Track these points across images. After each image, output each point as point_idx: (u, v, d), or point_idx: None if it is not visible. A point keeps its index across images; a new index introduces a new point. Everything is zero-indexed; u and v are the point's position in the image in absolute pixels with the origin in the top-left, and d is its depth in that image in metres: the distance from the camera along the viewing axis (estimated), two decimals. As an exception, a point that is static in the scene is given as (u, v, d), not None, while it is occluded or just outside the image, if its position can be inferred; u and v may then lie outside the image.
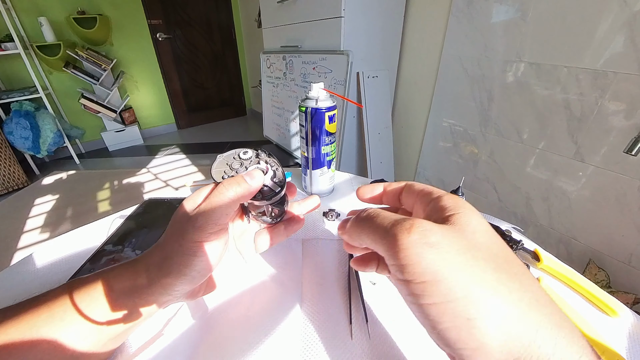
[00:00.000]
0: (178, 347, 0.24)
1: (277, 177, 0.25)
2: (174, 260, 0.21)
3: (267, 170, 0.25)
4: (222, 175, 0.25)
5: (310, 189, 0.46)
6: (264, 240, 0.28)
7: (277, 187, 0.25)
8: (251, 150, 0.26)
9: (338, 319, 0.26)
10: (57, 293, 0.22)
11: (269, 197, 0.25)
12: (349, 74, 1.33)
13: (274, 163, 0.26)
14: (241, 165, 0.25)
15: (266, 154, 0.26)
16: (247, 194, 0.23)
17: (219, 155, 0.26)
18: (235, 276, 0.31)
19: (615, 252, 0.98)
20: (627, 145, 0.76)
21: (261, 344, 0.24)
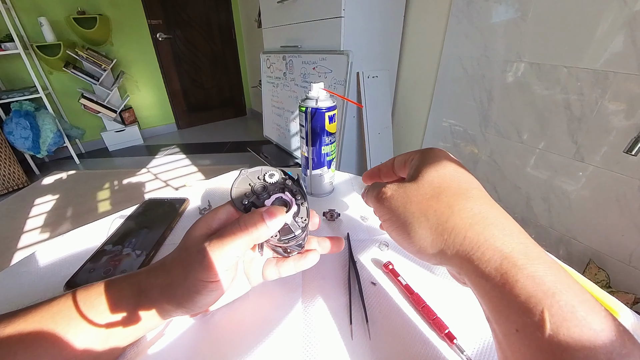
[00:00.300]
0: (178, 348, 0.24)
1: (301, 215, 0.23)
2: (177, 292, 0.21)
3: (291, 204, 0.23)
4: (243, 199, 0.23)
5: (310, 189, 0.46)
6: (271, 272, 0.26)
7: (297, 229, 0.23)
8: (278, 173, 0.24)
9: (338, 319, 0.26)
10: (62, 300, 0.22)
11: (287, 239, 0.23)
12: (349, 74, 1.33)
13: (300, 195, 0.23)
14: (264, 190, 0.23)
15: (293, 182, 0.24)
16: (264, 238, 0.22)
17: (242, 170, 0.24)
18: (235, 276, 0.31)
19: (615, 252, 0.98)
20: (627, 145, 0.76)
21: (261, 344, 0.24)
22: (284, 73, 1.88)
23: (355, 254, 0.34)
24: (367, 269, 0.32)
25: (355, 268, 0.31)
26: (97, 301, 0.21)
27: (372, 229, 0.38)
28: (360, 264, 0.33)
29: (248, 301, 0.28)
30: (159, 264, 0.23)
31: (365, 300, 0.28)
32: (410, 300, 0.28)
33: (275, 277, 0.26)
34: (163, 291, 0.22)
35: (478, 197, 0.20)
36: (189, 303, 0.21)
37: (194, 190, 0.49)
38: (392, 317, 0.27)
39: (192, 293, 0.21)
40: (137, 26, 2.70)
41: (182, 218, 0.42)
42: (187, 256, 0.21)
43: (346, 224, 0.39)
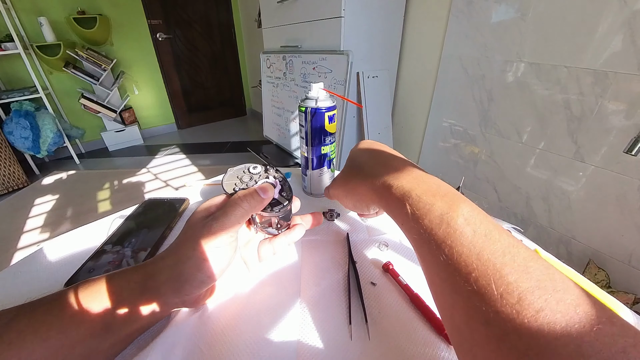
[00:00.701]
0: (176, 345, 0.24)
1: (285, 192, 0.28)
2: (187, 264, 0.22)
3: (276, 184, 0.28)
4: (234, 187, 0.27)
5: (310, 189, 0.46)
6: (267, 250, 0.29)
7: (284, 200, 0.27)
8: (260, 166, 0.29)
9: (337, 319, 0.26)
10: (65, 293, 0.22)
11: (277, 209, 0.27)
12: (349, 74, 1.33)
13: (282, 178, 0.29)
14: (251, 179, 0.27)
15: (274, 170, 0.29)
16: (259, 205, 0.25)
17: (229, 168, 0.28)
18: (235, 276, 0.31)
19: (615, 252, 0.98)
20: (627, 145, 0.76)
21: (260, 344, 0.24)
22: (284, 73, 1.88)
23: (354, 254, 0.34)
24: (366, 269, 0.32)
25: (355, 268, 0.31)
26: (102, 288, 0.22)
27: (371, 229, 0.38)
28: (359, 264, 0.33)
29: (246, 301, 0.28)
30: (164, 251, 0.24)
31: (365, 301, 0.28)
32: (410, 301, 0.28)
33: (271, 253, 0.29)
34: (173, 269, 0.23)
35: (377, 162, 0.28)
36: (200, 272, 0.22)
37: (194, 190, 0.49)
38: (391, 318, 0.27)
39: (203, 260, 0.22)
40: (137, 26, 2.70)
41: (182, 218, 0.42)
42: (192, 232, 0.23)
43: (346, 224, 0.40)
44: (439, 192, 0.21)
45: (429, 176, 0.23)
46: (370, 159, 0.29)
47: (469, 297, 0.16)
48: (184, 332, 0.25)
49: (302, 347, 0.24)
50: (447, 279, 0.18)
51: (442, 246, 0.18)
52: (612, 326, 0.13)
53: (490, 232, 0.17)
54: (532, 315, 0.13)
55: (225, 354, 0.23)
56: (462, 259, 0.17)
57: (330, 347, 0.24)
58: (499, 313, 0.14)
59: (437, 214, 0.19)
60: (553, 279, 0.15)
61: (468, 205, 0.19)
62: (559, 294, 0.14)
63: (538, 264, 0.15)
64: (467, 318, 0.16)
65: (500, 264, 0.16)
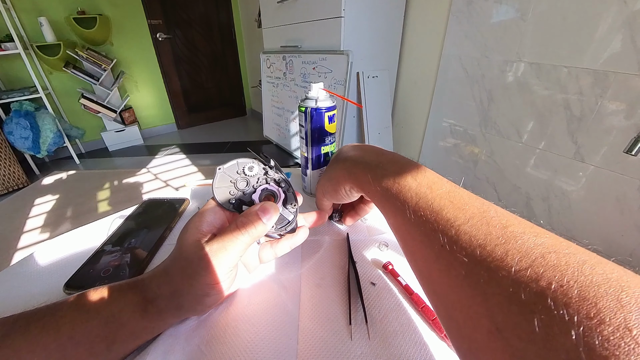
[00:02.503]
0: (176, 345, 0.24)
1: (290, 202, 0.24)
2: (185, 298, 0.22)
3: (279, 195, 0.23)
4: (229, 198, 0.22)
5: (310, 190, 0.46)
6: (268, 254, 0.28)
7: (290, 215, 0.23)
8: (257, 165, 0.24)
9: (337, 319, 0.26)
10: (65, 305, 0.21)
11: (281, 227, 0.23)
12: (349, 74, 1.33)
13: (284, 182, 0.24)
14: (248, 185, 0.23)
15: (275, 170, 0.24)
16: (263, 232, 0.23)
17: (218, 167, 0.23)
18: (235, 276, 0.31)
19: (615, 252, 0.98)
20: (627, 145, 0.76)
21: (260, 344, 0.24)
22: (284, 73, 1.89)
23: (354, 254, 0.34)
24: (366, 269, 0.32)
25: (355, 268, 0.31)
26: (103, 308, 0.21)
27: (371, 229, 0.38)
28: (359, 264, 0.33)
29: (247, 301, 0.28)
30: (161, 272, 0.23)
31: (365, 301, 0.28)
32: (410, 301, 0.28)
33: (272, 258, 0.28)
34: (170, 300, 0.22)
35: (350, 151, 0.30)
36: (199, 306, 0.23)
37: (194, 190, 0.49)
38: (391, 318, 0.27)
39: (201, 297, 0.22)
40: (137, 26, 2.70)
41: (181, 218, 0.42)
42: (188, 265, 0.22)
43: (349, 224, 0.39)
44: (394, 160, 0.24)
45: (391, 152, 0.27)
46: (346, 150, 0.31)
47: (421, 240, 0.19)
48: (184, 333, 0.25)
49: (302, 347, 0.24)
50: (405, 229, 0.21)
51: (396, 200, 0.21)
52: (535, 237, 0.15)
53: (434, 183, 0.21)
54: (467, 242, 0.16)
55: (225, 354, 0.23)
56: (412, 208, 0.20)
57: (330, 347, 0.24)
58: (442, 247, 0.17)
59: (391, 177, 0.22)
60: (486, 211, 0.18)
61: (414, 166, 0.23)
62: (492, 221, 0.16)
63: (475, 202, 0.19)
64: (424, 259, 0.19)
65: (439, 206, 0.19)
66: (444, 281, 0.17)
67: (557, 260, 0.13)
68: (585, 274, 0.12)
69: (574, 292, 0.12)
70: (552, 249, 0.14)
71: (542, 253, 0.13)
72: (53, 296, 0.29)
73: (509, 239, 0.15)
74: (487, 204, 0.18)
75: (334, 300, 0.28)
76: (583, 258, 0.13)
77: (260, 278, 0.31)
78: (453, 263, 0.16)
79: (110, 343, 0.21)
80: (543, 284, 0.12)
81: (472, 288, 0.15)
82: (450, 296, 0.17)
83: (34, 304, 0.22)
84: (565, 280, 0.12)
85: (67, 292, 0.29)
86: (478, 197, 0.19)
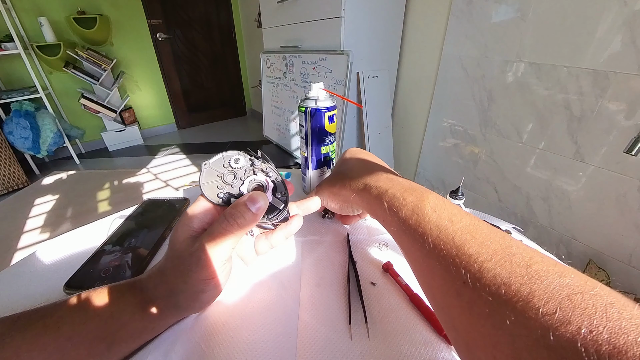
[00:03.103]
0: (176, 345, 0.24)
1: (279, 190, 0.23)
2: (181, 297, 0.22)
3: (267, 184, 0.23)
4: (217, 192, 0.22)
5: (310, 189, 0.46)
6: (264, 246, 0.28)
7: (280, 204, 0.23)
8: (243, 156, 0.23)
9: (337, 319, 0.26)
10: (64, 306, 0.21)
11: (273, 216, 0.23)
12: (349, 74, 1.33)
13: (272, 171, 0.23)
14: (235, 177, 0.22)
15: (261, 160, 0.23)
16: (253, 222, 0.22)
17: (204, 163, 0.22)
18: (235, 276, 0.31)
19: (615, 252, 0.98)
20: (627, 145, 0.76)
21: (260, 343, 0.24)
22: (284, 73, 1.89)
23: (354, 254, 0.34)
24: (366, 269, 0.32)
25: (355, 268, 0.31)
26: (102, 309, 0.21)
27: (371, 229, 0.38)
28: (359, 264, 0.33)
29: (247, 300, 0.28)
30: (156, 272, 0.23)
31: (365, 301, 0.28)
32: (410, 301, 0.28)
33: (268, 249, 0.28)
34: (167, 300, 0.22)
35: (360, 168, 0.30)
36: (196, 303, 0.23)
37: (194, 190, 0.49)
38: (391, 318, 0.27)
39: (197, 293, 0.22)
40: (137, 26, 2.70)
41: (181, 218, 0.42)
42: (180, 262, 0.22)
43: (346, 223, 0.39)
44: (410, 189, 0.24)
45: (402, 178, 0.27)
46: (352, 165, 0.31)
47: (441, 275, 0.18)
48: (184, 331, 0.25)
49: (302, 347, 0.24)
50: (423, 261, 0.20)
51: (415, 233, 0.21)
52: (560, 278, 0.14)
53: (454, 216, 0.20)
54: (491, 281, 0.15)
55: (226, 353, 0.23)
56: (431, 241, 0.19)
57: (330, 347, 0.24)
58: (465, 284, 0.16)
59: (409, 207, 0.22)
60: (509, 247, 0.17)
61: (434, 197, 0.22)
62: (515, 258, 0.16)
63: (496, 237, 0.18)
64: (443, 294, 0.18)
65: (461, 241, 0.18)
66: (465, 318, 0.17)
67: (584, 302, 0.13)
68: (613, 319, 0.12)
69: (604, 337, 0.11)
70: (578, 289, 0.13)
71: (568, 294, 0.13)
72: (53, 296, 0.29)
73: (534, 278, 0.15)
74: (508, 239, 0.18)
75: (333, 300, 0.28)
76: (610, 300, 0.13)
77: (260, 277, 0.31)
78: (476, 301, 0.16)
79: (110, 343, 0.21)
80: (572, 328, 0.12)
81: (496, 328, 0.14)
82: (472, 334, 0.16)
83: (34, 304, 0.22)
84: (594, 325, 0.12)
85: (67, 292, 0.29)
86: (498, 231, 0.19)
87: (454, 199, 0.38)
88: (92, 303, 0.22)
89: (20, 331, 0.19)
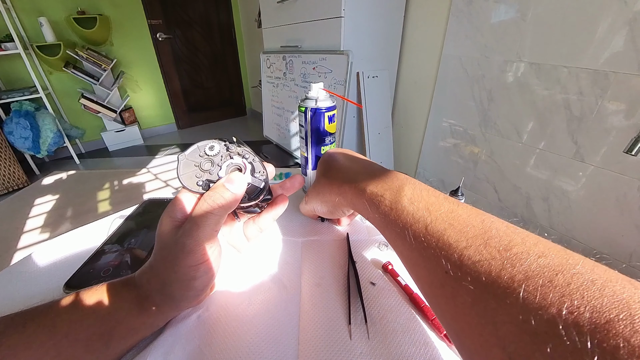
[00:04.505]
0: (176, 346, 0.24)
1: (257, 170, 0.23)
2: (174, 287, 0.22)
3: (245, 166, 0.23)
4: (196, 181, 0.22)
5: (310, 189, 0.46)
6: (253, 230, 0.27)
7: (260, 183, 0.23)
8: (217, 143, 0.23)
9: (337, 319, 0.26)
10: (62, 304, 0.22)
11: (255, 195, 0.23)
12: (349, 74, 1.33)
13: (248, 154, 0.23)
14: (213, 165, 0.22)
15: (236, 145, 0.23)
16: (233, 203, 0.22)
17: (180, 155, 0.23)
18: (235, 276, 0.31)
19: (615, 252, 0.98)
20: (627, 145, 0.76)
21: (259, 344, 0.24)
22: (284, 73, 1.88)
23: (354, 254, 0.34)
24: (366, 269, 0.32)
25: (355, 268, 0.31)
26: (98, 306, 0.21)
27: (371, 229, 0.38)
28: (359, 264, 0.33)
29: (247, 301, 0.28)
30: (147, 267, 0.23)
31: (365, 301, 0.28)
32: (410, 301, 0.28)
33: (258, 233, 0.27)
34: (162, 293, 0.22)
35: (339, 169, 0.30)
36: (190, 292, 0.22)
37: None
38: (391, 318, 0.27)
39: (188, 281, 0.22)
40: (137, 26, 2.70)
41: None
42: (168, 253, 0.22)
43: (345, 224, 0.39)
44: (387, 183, 0.23)
45: (381, 171, 0.26)
46: (332, 167, 0.30)
47: (425, 266, 0.18)
48: (184, 333, 0.25)
49: (303, 347, 0.24)
50: (408, 255, 0.20)
51: (396, 227, 0.21)
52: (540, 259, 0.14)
53: (431, 205, 0.20)
54: (471, 269, 0.15)
55: (226, 354, 0.23)
56: (411, 233, 0.19)
57: (330, 347, 0.24)
58: (447, 274, 0.16)
59: (386, 203, 0.22)
60: (488, 230, 0.17)
61: (411, 188, 0.22)
62: (493, 242, 0.16)
63: (476, 222, 0.18)
64: (429, 285, 0.19)
65: (439, 230, 0.18)
66: (451, 308, 0.17)
67: (564, 282, 0.13)
68: (595, 296, 0.12)
69: (585, 317, 0.11)
70: (559, 269, 0.13)
71: (549, 276, 0.13)
72: (53, 296, 0.29)
73: (514, 262, 0.14)
74: (487, 222, 0.17)
75: (334, 300, 0.28)
76: (591, 277, 0.13)
77: (260, 278, 0.31)
78: (459, 290, 0.16)
79: (107, 340, 0.21)
80: (553, 310, 0.12)
81: (480, 316, 0.14)
82: (459, 324, 0.16)
83: (34, 304, 0.22)
84: (575, 305, 0.12)
85: (67, 292, 0.30)
86: (479, 213, 0.19)
87: (453, 199, 0.38)
88: (88, 301, 0.22)
89: (17, 330, 0.20)
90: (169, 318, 0.24)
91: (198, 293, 0.23)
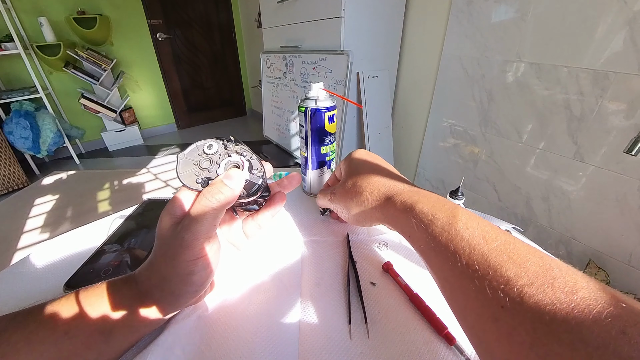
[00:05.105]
0: (176, 346, 0.24)
1: (255, 167, 0.24)
2: (173, 282, 0.22)
3: (243, 163, 0.23)
4: (195, 179, 0.23)
5: (310, 189, 0.46)
6: (252, 227, 0.27)
7: (258, 179, 0.24)
8: (216, 142, 0.24)
9: (337, 319, 0.26)
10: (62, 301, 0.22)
11: (253, 192, 0.24)
12: (349, 74, 1.33)
13: (246, 152, 0.24)
14: (211, 163, 0.23)
15: (234, 143, 0.24)
16: (231, 198, 0.22)
17: (179, 155, 0.23)
18: (235, 276, 0.31)
19: (615, 252, 0.98)
20: (627, 145, 0.76)
21: (260, 344, 0.24)
22: (284, 73, 1.88)
23: (354, 254, 0.34)
24: (366, 269, 0.32)
25: (355, 268, 0.31)
26: (98, 303, 0.22)
27: (371, 229, 0.38)
28: (359, 264, 0.33)
29: (247, 301, 0.28)
30: (147, 264, 0.23)
31: (365, 301, 0.28)
32: (410, 301, 0.28)
33: (256, 231, 0.27)
34: (161, 289, 0.22)
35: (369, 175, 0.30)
36: (189, 287, 0.22)
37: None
38: (391, 317, 0.27)
39: (187, 276, 0.22)
40: (137, 26, 2.70)
41: (181, 218, 0.42)
42: (167, 248, 0.22)
43: (345, 224, 0.39)
44: (438, 204, 0.22)
45: (427, 191, 0.25)
46: (368, 173, 0.30)
47: (475, 297, 0.17)
48: (184, 333, 0.25)
49: (303, 347, 0.24)
50: (454, 281, 0.19)
51: (446, 251, 0.19)
52: (611, 308, 0.13)
53: (487, 233, 0.19)
54: (533, 308, 0.14)
55: (226, 354, 0.23)
56: (465, 260, 0.18)
57: (330, 347, 0.24)
58: (504, 309, 0.15)
59: (439, 224, 0.21)
60: (550, 269, 0.16)
61: (465, 213, 0.21)
62: (557, 282, 0.15)
63: (535, 258, 0.17)
64: (477, 317, 0.17)
65: (497, 262, 0.17)
66: (503, 346, 0.15)
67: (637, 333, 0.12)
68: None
69: None
70: (632, 321, 0.12)
71: (621, 328, 0.12)
72: (53, 296, 0.29)
73: (581, 307, 0.14)
74: (548, 259, 0.17)
75: (333, 300, 0.28)
76: None
77: (261, 278, 0.31)
78: (517, 329, 0.15)
79: (108, 337, 0.21)
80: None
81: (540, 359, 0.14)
82: None
83: (34, 304, 0.22)
84: None
85: (67, 292, 0.29)
86: (537, 250, 0.18)
87: (453, 199, 0.38)
88: (89, 298, 0.22)
89: (19, 327, 0.20)
90: (169, 315, 0.24)
91: (197, 289, 0.23)
